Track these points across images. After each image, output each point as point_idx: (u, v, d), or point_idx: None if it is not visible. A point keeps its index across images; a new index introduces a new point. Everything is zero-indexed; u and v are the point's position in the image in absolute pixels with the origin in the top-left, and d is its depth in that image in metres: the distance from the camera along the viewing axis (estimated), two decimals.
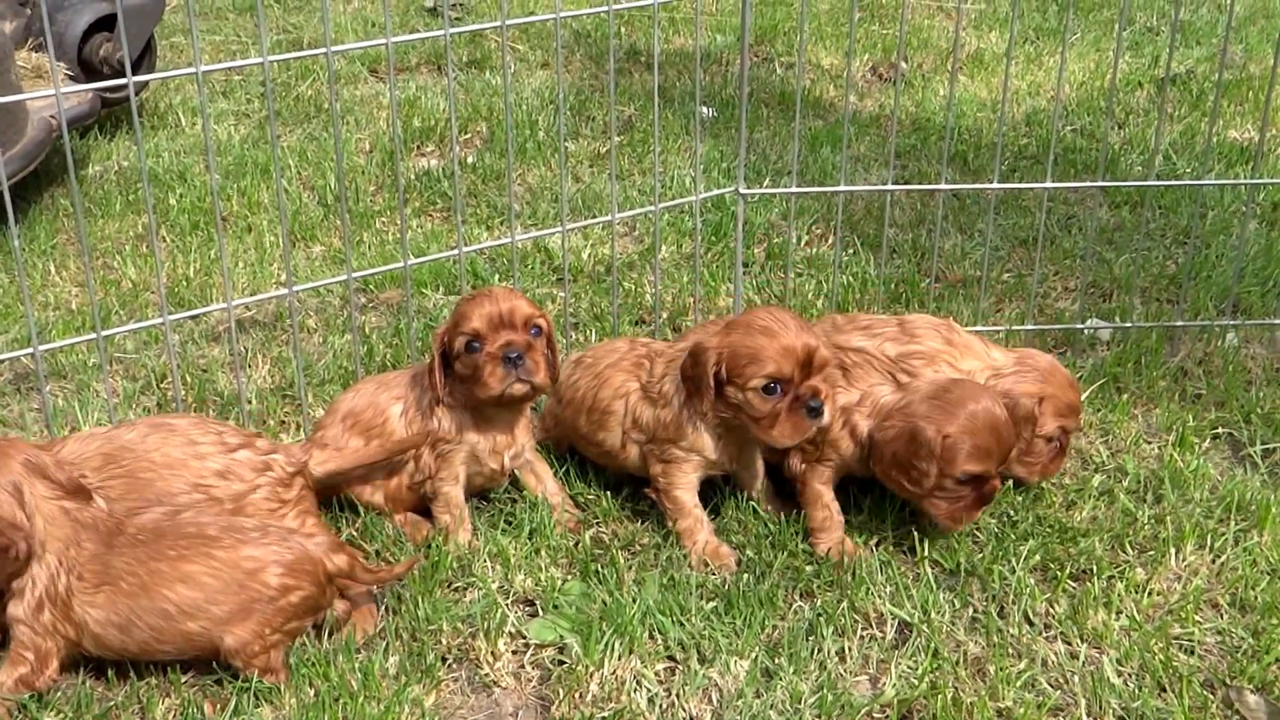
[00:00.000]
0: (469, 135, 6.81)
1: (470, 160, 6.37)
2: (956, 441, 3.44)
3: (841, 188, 4.45)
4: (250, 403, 4.36)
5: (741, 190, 4.41)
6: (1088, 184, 4.92)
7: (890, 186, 4.47)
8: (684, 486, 3.64)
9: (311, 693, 3.12)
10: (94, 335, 3.73)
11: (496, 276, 5.15)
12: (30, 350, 3.65)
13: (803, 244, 5.50)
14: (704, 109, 6.99)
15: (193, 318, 4.82)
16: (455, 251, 4.10)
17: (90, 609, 3.07)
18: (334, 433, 3.78)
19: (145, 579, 3.09)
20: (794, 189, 4.46)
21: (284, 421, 4.28)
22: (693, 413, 3.55)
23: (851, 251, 5.35)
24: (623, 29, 8.56)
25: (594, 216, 5.69)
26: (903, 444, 3.50)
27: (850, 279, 5.07)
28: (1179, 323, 4.63)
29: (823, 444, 3.63)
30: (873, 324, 3.94)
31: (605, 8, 4.08)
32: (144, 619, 3.09)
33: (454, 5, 8.87)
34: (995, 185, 4.44)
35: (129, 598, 3.07)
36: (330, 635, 3.32)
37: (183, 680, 3.18)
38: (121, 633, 3.10)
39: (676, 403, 3.58)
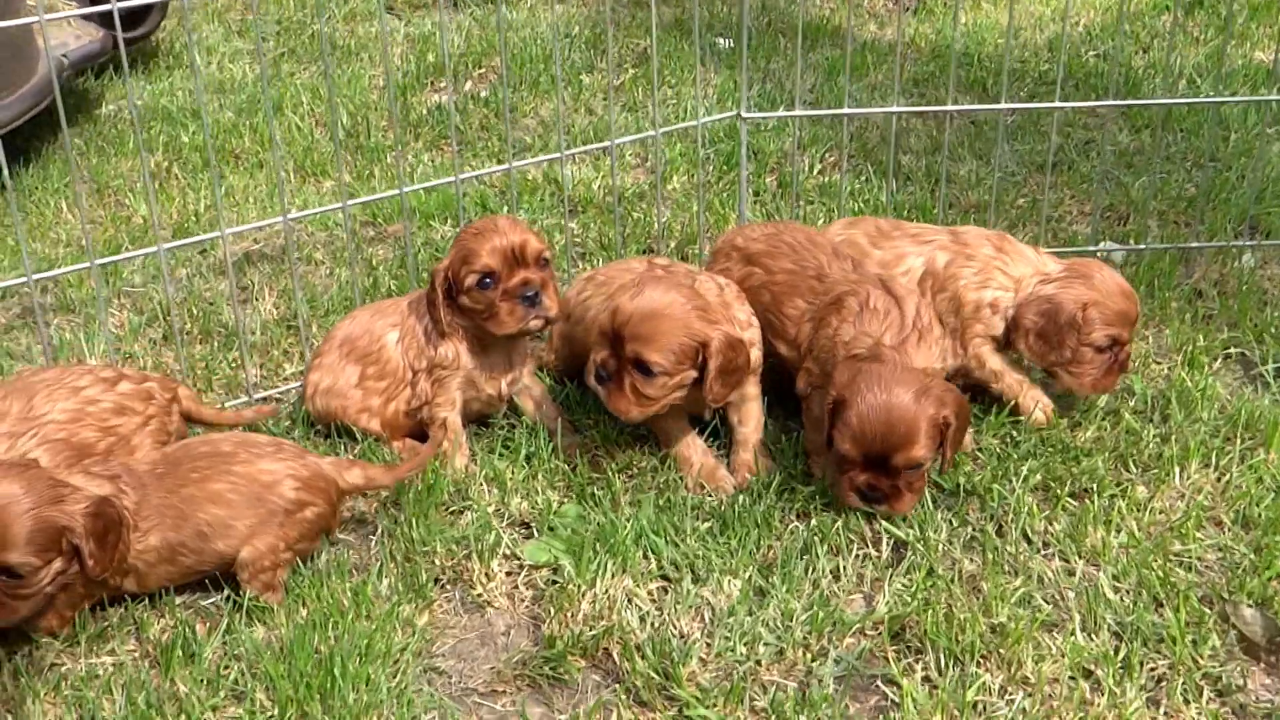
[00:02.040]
0: (483, 70, 6.76)
1: (483, 95, 6.33)
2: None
3: (845, 110, 4.37)
4: (255, 334, 4.36)
5: (743, 114, 4.35)
6: (1098, 103, 4.83)
7: (895, 109, 4.39)
8: (671, 415, 3.59)
9: (304, 612, 3.12)
10: (88, 264, 3.72)
11: (505, 208, 5.12)
12: (24, 279, 3.64)
13: (816, 172, 5.43)
14: (720, 40, 6.92)
15: (190, 245, 4.81)
16: (453, 179, 4.06)
17: (143, 556, 3.09)
18: (330, 360, 3.78)
19: (182, 508, 3.12)
20: (796, 112, 4.39)
21: (287, 351, 4.28)
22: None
23: (864, 179, 5.29)
24: None
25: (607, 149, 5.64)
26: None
27: (862, 205, 5.01)
28: (1194, 244, 4.55)
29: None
30: (922, 232, 3.89)
31: None
32: (187, 545, 3.12)
33: None
34: (1004, 105, 4.36)
35: (175, 530, 3.10)
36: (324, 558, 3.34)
37: (177, 602, 3.19)
38: (169, 564, 3.13)
39: None
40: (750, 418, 3.63)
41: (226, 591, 3.21)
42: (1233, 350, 4.07)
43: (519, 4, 7.69)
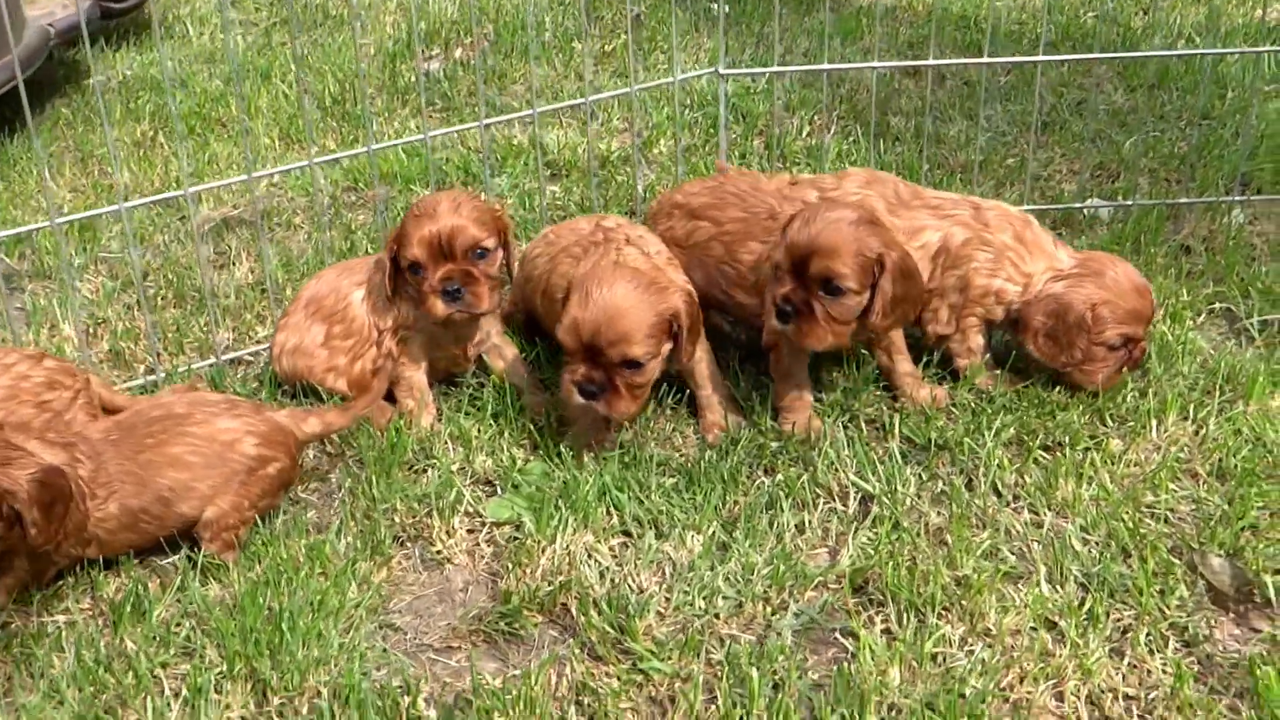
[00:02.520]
0: (474, 38, 6.70)
1: (472, 62, 6.27)
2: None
3: (825, 66, 4.30)
4: (229, 297, 4.33)
5: (721, 70, 4.29)
6: (1082, 56, 4.74)
7: (875, 64, 4.31)
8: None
9: (259, 569, 3.09)
10: (48, 223, 3.68)
11: (488, 171, 5.06)
12: None
13: (805, 135, 5.36)
14: (714, 4, 6.84)
15: (154, 203, 4.79)
16: (422, 136, 4.01)
17: (103, 524, 3.05)
18: (296, 319, 3.74)
19: (142, 474, 3.06)
20: (776, 68, 4.32)
21: (260, 315, 4.24)
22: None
23: (852, 139, 5.21)
24: None
25: (594, 114, 5.59)
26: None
27: (849, 165, 4.94)
28: (1183, 199, 4.47)
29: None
30: (943, 203, 3.77)
31: None
32: (149, 511, 3.08)
33: None
34: (985, 60, 4.28)
35: (135, 497, 3.05)
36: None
37: (134, 561, 3.16)
38: (131, 531, 3.08)
39: None
40: (705, 377, 3.56)
41: (184, 550, 3.17)
42: (1218, 305, 3.99)
43: None
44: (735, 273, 3.58)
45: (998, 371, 3.68)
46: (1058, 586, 2.96)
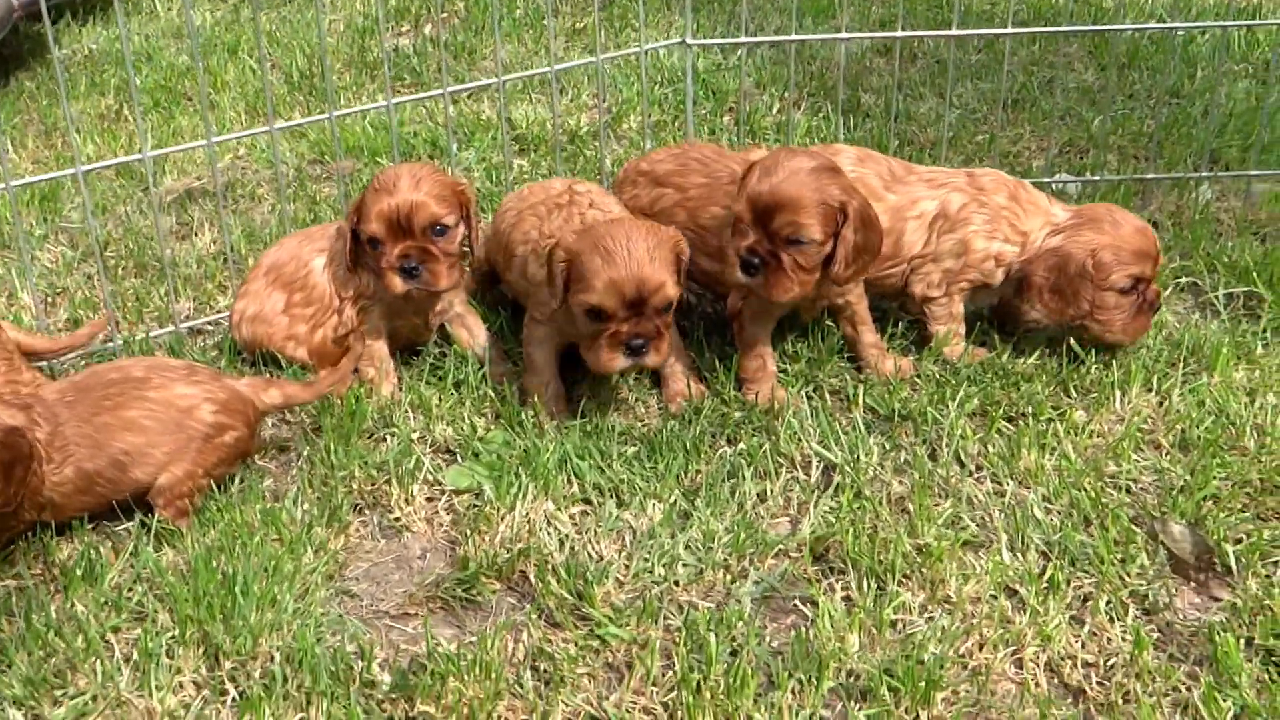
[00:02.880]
0: (446, 15, 6.66)
1: (442, 36, 6.22)
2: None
3: (793, 37, 4.27)
4: (190, 267, 4.28)
5: (689, 40, 4.26)
6: (1050, 29, 4.73)
7: (843, 35, 4.28)
8: (538, 345, 3.51)
9: (213, 534, 3.05)
10: (3, 186, 3.63)
11: (456, 146, 5.02)
12: None
13: (775, 111, 5.33)
14: None
15: (112, 167, 4.77)
16: (385, 103, 3.96)
17: (59, 488, 3.00)
18: (257, 286, 3.70)
19: (98, 437, 3.01)
20: (744, 39, 4.29)
21: (222, 285, 4.20)
22: (545, 297, 3.36)
23: (822, 114, 5.19)
24: None
25: (563, 89, 5.56)
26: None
27: (818, 142, 4.92)
28: (1150, 175, 4.46)
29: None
30: (936, 175, 3.75)
31: None
32: (104, 475, 3.03)
33: None
34: (955, 32, 4.25)
35: (90, 460, 3.00)
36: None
37: (87, 526, 3.12)
38: (85, 494, 3.04)
39: (543, 274, 3.42)
40: (669, 347, 3.51)
41: (138, 516, 3.13)
42: (1184, 279, 3.99)
43: None
44: (698, 238, 3.55)
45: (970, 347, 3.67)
46: (1019, 554, 2.94)
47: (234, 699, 2.66)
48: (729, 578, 2.93)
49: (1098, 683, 2.64)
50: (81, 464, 2.99)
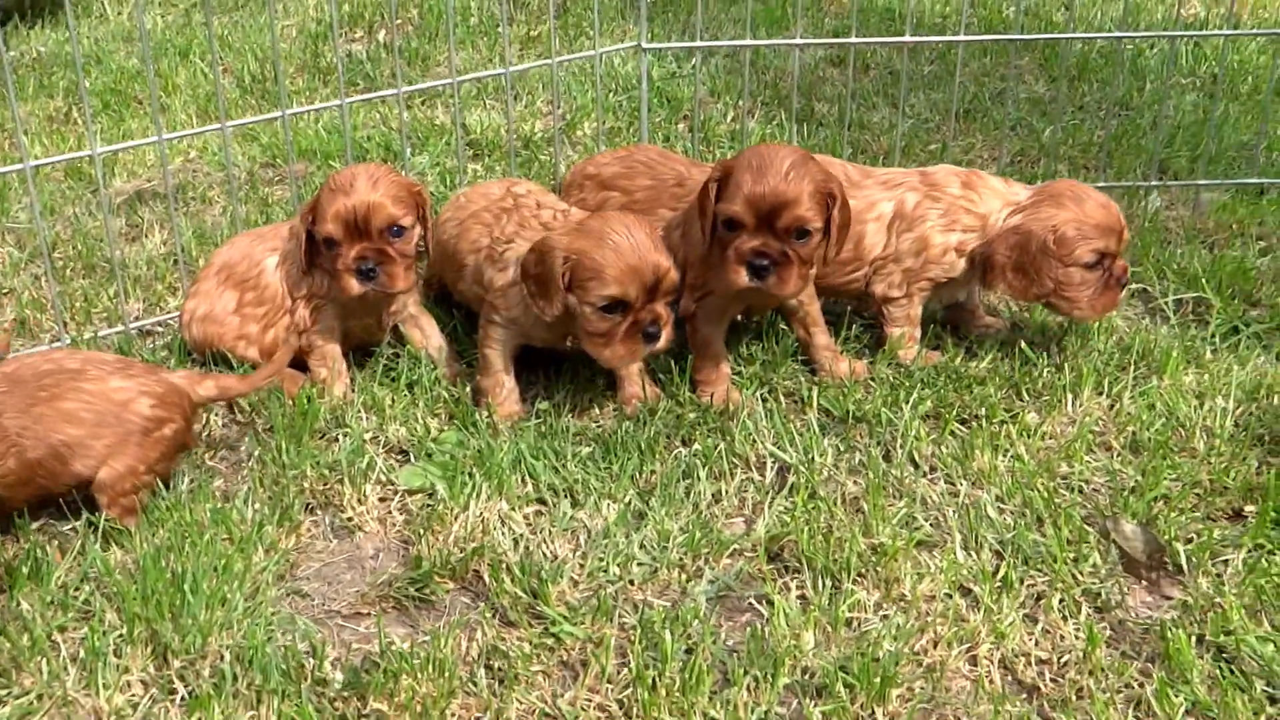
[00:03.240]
0: (401, 21, 6.64)
1: (398, 43, 6.21)
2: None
3: (748, 42, 4.28)
4: (140, 268, 4.24)
5: (644, 45, 4.26)
6: (1000, 37, 4.78)
7: (798, 41, 4.30)
8: (495, 346, 3.48)
9: (161, 533, 3.01)
10: None
11: (410, 150, 5.00)
12: None
13: (729, 119, 5.35)
14: None
15: (58, 163, 4.73)
16: (338, 102, 3.94)
17: (2, 480, 2.93)
18: (208, 286, 3.66)
19: (36, 428, 2.95)
20: (699, 43, 4.30)
21: (172, 286, 4.15)
22: (538, 308, 3.29)
23: (776, 122, 5.21)
24: None
25: (518, 95, 5.55)
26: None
27: None
28: (1100, 184, 4.50)
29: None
30: (892, 177, 3.76)
31: None
32: (44, 466, 2.97)
33: None
34: (908, 39, 4.28)
35: (31, 451, 2.94)
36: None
37: (31, 527, 3.07)
38: (25, 486, 2.97)
39: (512, 274, 3.39)
40: None
41: (85, 515, 3.08)
42: (1134, 285, 4.02)
43: None
44: None
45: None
46: (973, 553, 2.95)
47: (183, 697, 2.62)
48: (684, 577, 2.92)
49: (1051, 680, 2.64)
50: (24, 454, 2.94)
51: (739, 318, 3.69)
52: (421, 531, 3.05)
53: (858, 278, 3.68)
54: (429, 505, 3.15)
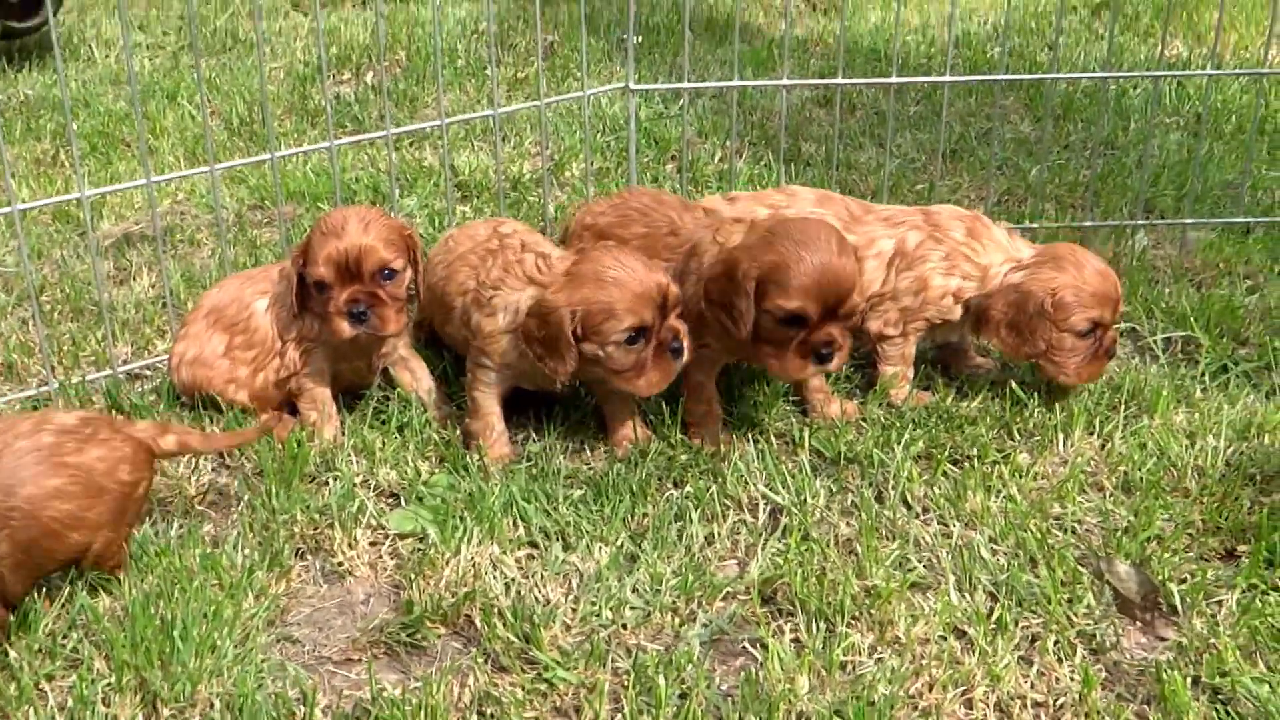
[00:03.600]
0: (388, 63, 6.66)
1: (385, 84, 6.22)
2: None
3: (735, 83, 4.30)
4: (128, 311, 4.23)
5: (631, 86, 4.28)
6: (986, 77, 4.81)
7: (785, 82, 4.32)
8: (484, 389, 3.47)
9: (151, 579, 2.99)
10: None
11: (398, 192, 5.00)
12: None
13: (717, 160, 5.37)
14: (625, 36, 6.86)
15: (46, 205, 4.77)
16: (327, 144, 3.94)
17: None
18: (197, 329, 3.65)
19: (28, 509, 2.82)
20: (686, 84, 4.31)
21: (161, 329, 4.14)
22: (553, 372, 3.28)
23: (764, 163, 5.23)
24: None
25: (506, 137, 5.56)
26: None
27: (759, 189, 4.94)
28: (1087, 223, 4.53)
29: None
30: (894, 214, 3.77)
31: None
32: (40, 546, 2.85)
33: None
34: (894, 80, 4.30)
35: (24, 532, 2.82)
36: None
37: None
38: (26, 571, 2.86)
39: (502, 320, 3.38)
40: (615, 391, 3.50)
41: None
42: (1123, 324, 4.03)
43: (426, 1, 7.60)
44: None
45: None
46: (966, 595, 2.94)
47: None
48: (677, 620, 2.91)
49: None
50: (15, 536, 2.85)
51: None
52: (413, 576, 3.03)
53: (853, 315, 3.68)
54: (420, 549, 3.14)
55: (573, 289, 3.22)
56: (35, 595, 2.94)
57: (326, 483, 3.38)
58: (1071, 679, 2.72)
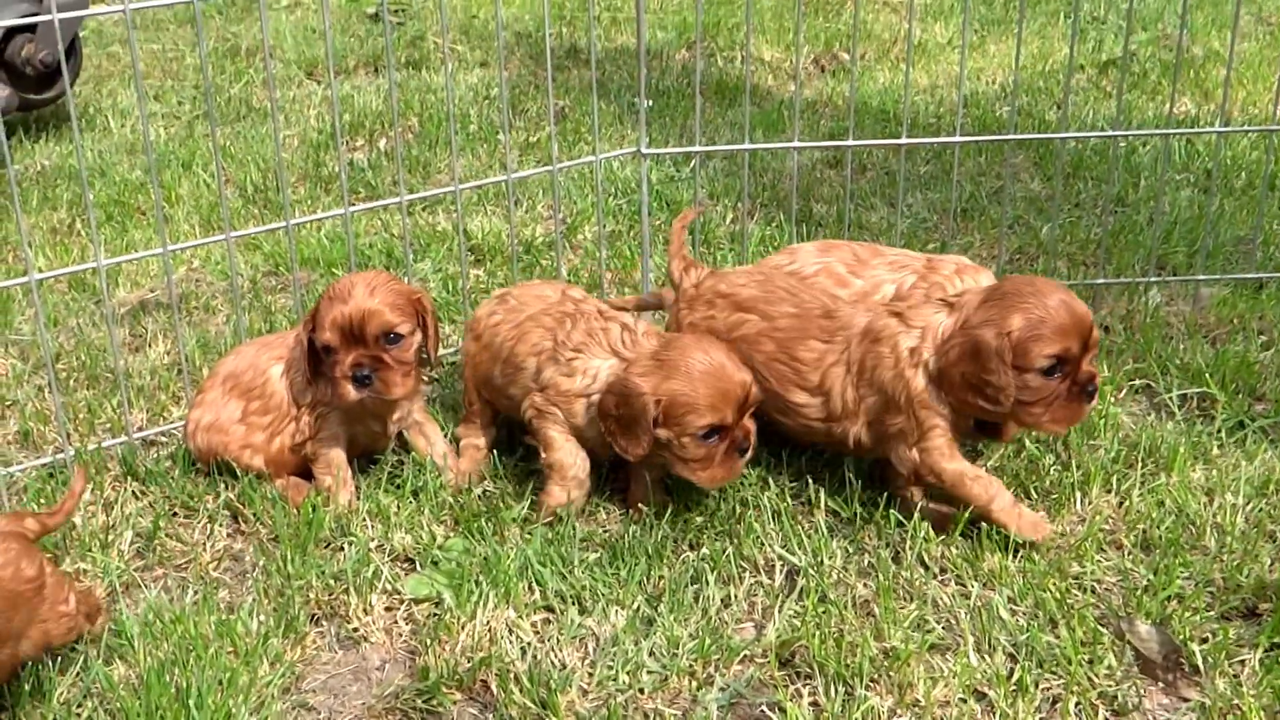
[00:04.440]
0: (402, 129, 6.71)
1: (399, 151, 6.27)
2: (1023, 333, 3.12)
3: (746, 146, 4.32)
4: (144, 377, 4.24)
5: (644, 150, 4.30)
6: (996, 137, 4.83)
7: (796, 144, 4.35)
8: (555, 426, 3.47)
9: (166, 646, 2.98)
10: None
11: (412, 256, 5.02)
12: None
13: (729, 221, 5.39)
14: (637, 100, 6.90)
15: (63, 275, 4.76)
16: (341, 211, 3.97)
17: None
18: (213, 396, 3.66)
19: None
20: (698, 147, 4.34)
21: (176, 395, 4.15)
22: (623, 450, 3.31)
23: (775, 224, 5.25)
24: (563, 28, 8.49)
25: (519, 201, 5.59)
26: (967, 361, 3.17)
27: (773, 250, 4.95)
28: (1100, 280, 4.53)
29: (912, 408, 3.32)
30: (900, 258, 3.74)
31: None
32: None
33: (395, 11, 8.78)
34: (904, 141, 4.32)
35: None
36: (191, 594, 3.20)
37: None
38: None
39: (579, 383, 3.41)
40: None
41: (87, 629, 3.05)
42: (1138, 381, 4.02)
43: (439, 68, 7.67)
44: (793, 371, 3.47)
45: None
46: (986, 656, 2.92)
47: None
48: (695, 684, 2.89)
49: None
50: None
51: None
52: (428, 641, 3.02)
53: None
54: (435, 614, 3.13)
55: (660, 376, 3.24)
56: (49, 664, 2.93)
57: (341, 548, 3.38)
58: None
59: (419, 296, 3.52)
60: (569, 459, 3.45)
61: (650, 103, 6.86)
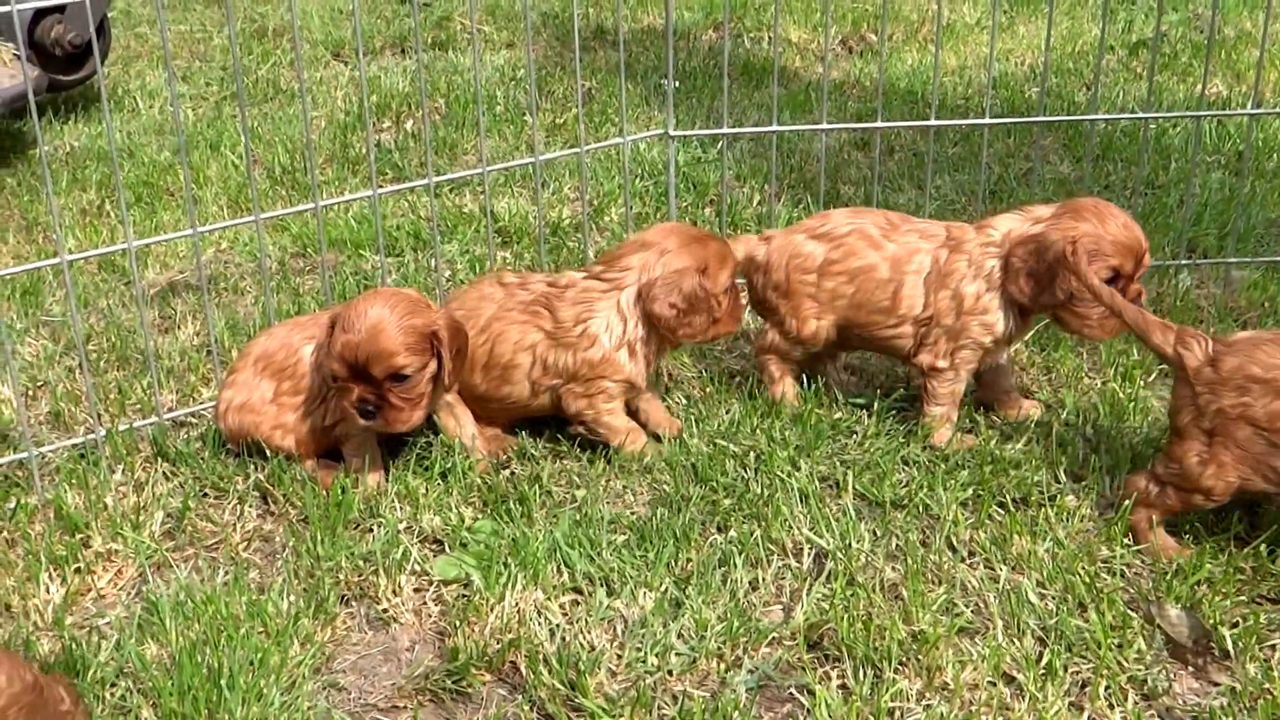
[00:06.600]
0: (427, 111, 6.71)
1: (426, 133, 6.28)
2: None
3: (774, 128, 4.31)
4: (174, 359, 4.26)
5: (671, 132, 4.30)
6: (1025, 119, 4.81)
7: (824, 126, 4.33)
8: (614, 412, 3.60)
9: (198, 626, 3.00)
10: None
11: (437, 236, 5.02)
12: None
13: (756, 203, 5.38)
14: (665, 81, 6.89)
15: (96, 257, 4.86)
16: (370, 193, 3.98)
17: None
18: (245, 376, 3.67)
19: None
20: (725, 129, 4.33)
21: (205, 376, 4.17)
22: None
23: (803, 206, 5.24)
24: (590, 9, 8.48)
25: (545, 183, 5.59)
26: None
27: None
28: None
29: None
30: (928, 227, 3.75)
31: None
32: None
33: None
34: (933, 122, 4.30)
35: None
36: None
37: (68, 622, 3.06)
38: None
39: (608, 340, 3.56)
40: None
41: (120, 609, 3.08)
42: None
43: (466, 49, 7.68)
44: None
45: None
46: (1015, 640, 2.91)
47: None
48: (723, 667, 2.90)
49: None
50: None
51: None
52: (457, 623, 3.03)
53: (900, 334, 3.67)
54: (464, 596, 3.14)
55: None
56: (84, 645, 2.96)
57: (371, 529, 3.39)
58: None
59: (434, 330, 3.39)
60: (624, 423, 3.66)
61: (677, 84, 6.83)
